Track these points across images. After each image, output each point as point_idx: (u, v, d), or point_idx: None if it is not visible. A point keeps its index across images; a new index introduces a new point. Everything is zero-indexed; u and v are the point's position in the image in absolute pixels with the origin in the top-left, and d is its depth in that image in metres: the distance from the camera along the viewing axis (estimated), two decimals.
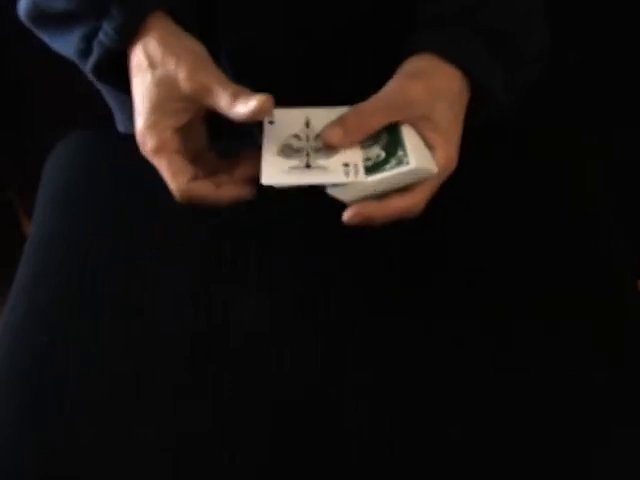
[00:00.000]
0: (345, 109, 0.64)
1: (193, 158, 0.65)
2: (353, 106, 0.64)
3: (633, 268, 0.77)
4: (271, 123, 0.65)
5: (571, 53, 0.94)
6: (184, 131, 0.64)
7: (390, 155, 0.62)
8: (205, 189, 0.64)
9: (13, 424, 0.66)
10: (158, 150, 0.63)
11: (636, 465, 0.65)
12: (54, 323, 0.71)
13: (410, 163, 0.61)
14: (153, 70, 0.63)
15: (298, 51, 0.75)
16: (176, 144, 0.64)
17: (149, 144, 0.64)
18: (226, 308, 0.71)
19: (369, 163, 0.62)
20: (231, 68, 0.74)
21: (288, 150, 0.64)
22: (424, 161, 0.62)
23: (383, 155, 0.62)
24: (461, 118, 0.66)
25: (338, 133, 0.63)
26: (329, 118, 0.64)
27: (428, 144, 0.63)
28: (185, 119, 0.64)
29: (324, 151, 0.63)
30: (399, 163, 0.61)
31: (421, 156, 0.62)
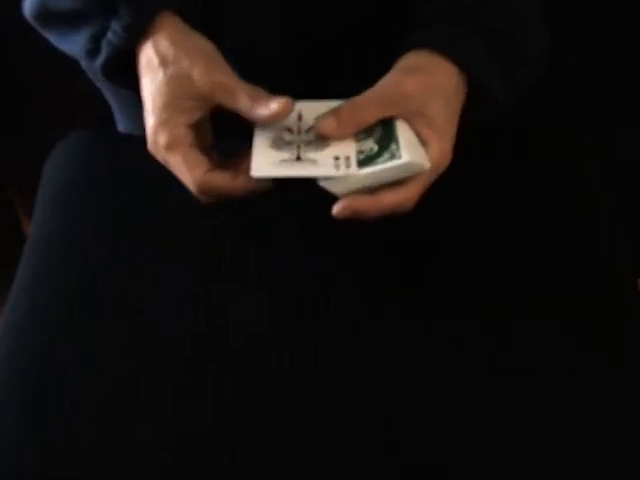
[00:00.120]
0: (339, 102, 0.64)
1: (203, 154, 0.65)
2: (348, 99, 0.64)
3: (633, 268, 0.77)
4: None
5: (571, 53, 0.94)
6: (196, 128, 0.64)
7: (383, 149, 0.62)
8: (222, 179, 0.63)
9: (13, 424, 0.66)
10: (171, 145, 0.63)
11: (636, 465, 0.65)
12: (54, 323, 0.71)
13: (403, 157, 0.61)
14: (165, 68, 0.63)
15: (298, 51, 0.75)
16: (190, 139, 0.64)
17: (162, 140, 0.63)
18: (226, 308, 0.71)
19: (362, 156, 0.62)
20: (231, 68, 0.75)
21: (280, 143, 0.64)
22: (417, 156, 0.62)
23: (376, 149, 0.62)
24: (457, 115, 0.66)
25: (332, 124, 0.63)
26: (321, 111, 0.64)
27: (422, 140, 0.64)
28: (197, 116, 0.64)
29: (315, 144, 0.63)
30: (392, 157, 0.61)
31: (414, 151, 0.62)
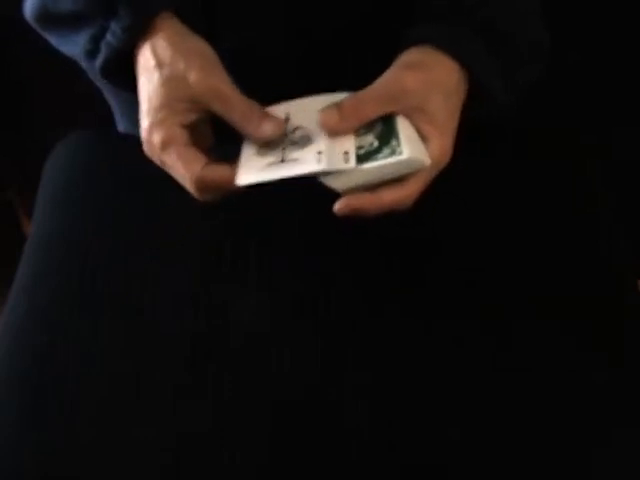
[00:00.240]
0: (328, 96, 0.64)
1: None
2: (344, 93, 0.64)
3: (633, 268, 0.77)
4: None
5: (571, 53, 0.94)
6: (192, 129, 0.64)
7: (383, 144, 0.62)
8: (221, 173, 0.63)
9: (13, 424, 0.66)
10: (166, 144, 0.63)
11: (636, 465, 0.65)
12: (54, 323, 0.71)
13: (403, 153, 0.61)
14: (161, 70, 0.63)
15: (298, 51, 0.75)
16: (185, 138, 0.63)
17: (156, 139, 0.63)
18: (226, 308, 0.71)
19: (362, 151, 0.62)
20: (231, 68, 0.75)
21: (266, 148, 0.63)
22: (417, 152, 0.62)
23: (376, 144, 0.62)
24: (457, 111, 0.66)
25: (334, 117, 0.62)
26: (309, 109, 0.64)
27: (423, 136, 0.63)
28: (193, 118, 0.64)
29: (301, 143, 0.63)
30: (392, 153, 0.61)
31: (415, 147, 0.62)
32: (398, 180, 0.62)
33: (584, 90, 1.08)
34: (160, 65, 0.63)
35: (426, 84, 0.64)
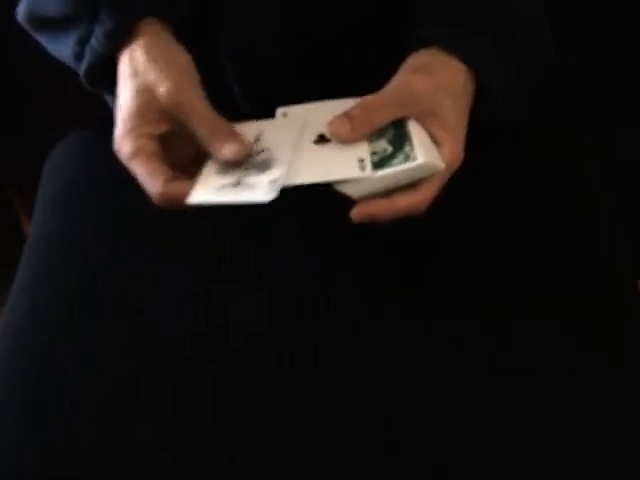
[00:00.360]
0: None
1: (176, 168, 0.63)
2: (359, 99, 0.63)
3: (633, 268, 0.77)
4: None
5: (571, 53, 0.94)
6: (163, 140, 0.63)
7: (397, 150, 0.62)
8: (182, 189, 0.61)
9: (13, 424, 0.66)
10: (134, 155, 0.62)
11: (636, 465, 0.65)
12: (54, 323, 0.71)
13: (418, 158, 0.60)
14: (134, 78, 0.63)
15: (298, 51, 0.75)
16: (152, 149, 0.62)
17: (125, 150, 0.62)
18: (226, 308, 0.71)
19: (376, 157, 0.62)
20: (231, 68, 0.75)
21: (227, 168, 0.62)
22: (431, 157, 0.61)
23: (390, 150, 0.62)
24: (466, 114, 0.66)
25: (346, 126, 0.62)
26: (283, 133, 0.63)
27: (435, 140, 0.63)
28: (164, 129, 0.63)
29: (261, 167, 0.61)
30: (406, 158, 0.61)
31: (428, 152, 0.62)
32: (411, 185, 0.62)
33: (584, 90, 1.08)
34: (135, 74, 0.63)
35: (434, 86, 0.63)
